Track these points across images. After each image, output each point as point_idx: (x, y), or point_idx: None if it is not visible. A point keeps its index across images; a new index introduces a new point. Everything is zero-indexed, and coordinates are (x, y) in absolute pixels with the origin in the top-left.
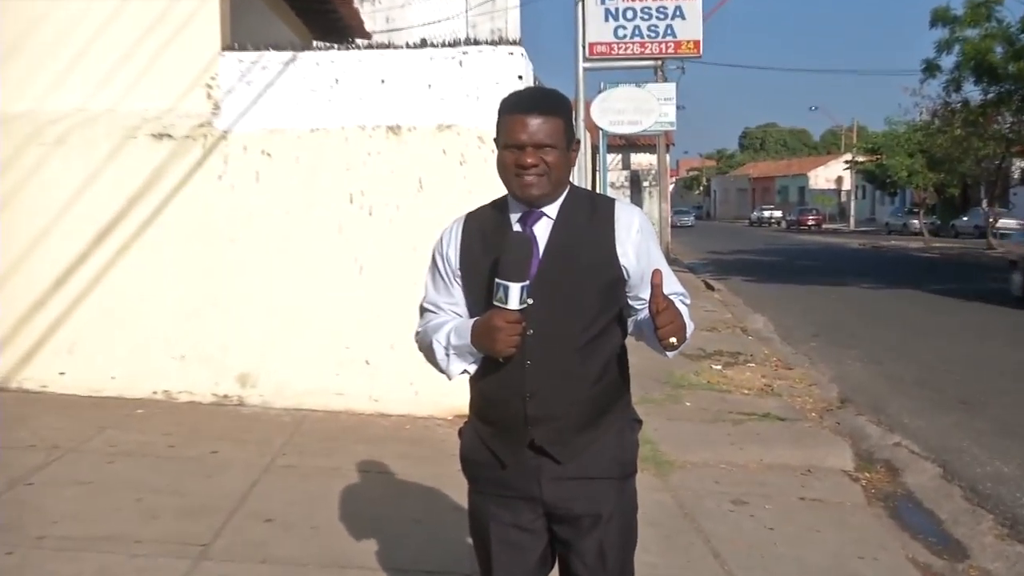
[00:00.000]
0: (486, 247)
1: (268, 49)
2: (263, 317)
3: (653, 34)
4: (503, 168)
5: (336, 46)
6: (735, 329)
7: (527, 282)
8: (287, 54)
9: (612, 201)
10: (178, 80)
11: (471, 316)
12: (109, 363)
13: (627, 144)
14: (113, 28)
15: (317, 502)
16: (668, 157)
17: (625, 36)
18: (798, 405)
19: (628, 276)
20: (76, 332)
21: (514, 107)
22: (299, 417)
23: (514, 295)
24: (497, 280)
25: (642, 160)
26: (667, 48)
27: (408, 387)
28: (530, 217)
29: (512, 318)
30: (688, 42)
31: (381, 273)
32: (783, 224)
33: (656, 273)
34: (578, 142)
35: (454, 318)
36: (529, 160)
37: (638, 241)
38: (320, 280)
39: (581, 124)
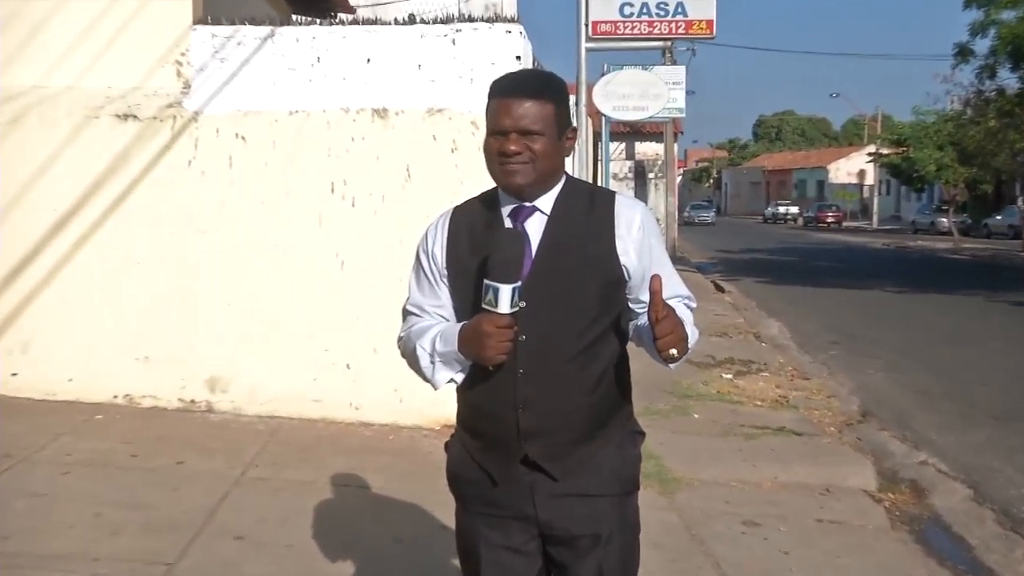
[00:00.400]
0: (475, 244)
1: (244, 23)
2: (235, 316)
3: (662, 12)
4: (487, 155)
5: (318, 21)
6: (747, 335)
7: (519, 283)
8: (265, 29)
9: (612, 195)
10: (145, 56)
11: (458, 320)
12: (66, 364)
13: (631, 132)
14: None
15: (292, 518)
16: (676, 146)
17: (632, 14)
18: (816, 419)
19: (629, 276)
20: (30, 330)
21: (499, 90)
22: (273, 425)
23: (505, 298)
24: (486, 281)
25: (647, 149)
26: (677, 28)
27: (392, 394)
28: (522, 212)
29: (503, 323)
30: (700, 22)
31: (364, 269)
32: (800, 221)
33: (655, 279)
34: (574, 129)
35: (440, 322)
36: (512, 147)
37: (639, 238)
38: (298, 276)
39: (583, 109)
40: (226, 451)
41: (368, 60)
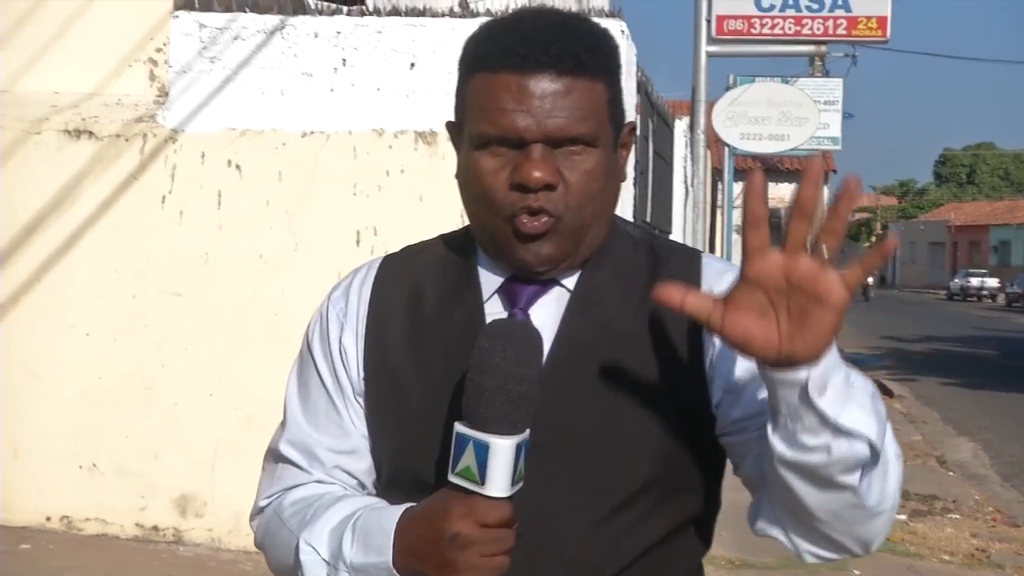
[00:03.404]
0: (425, 336)
1: (244, 10)
2: (217, 412)
3: (816, 5)
4: (472, 187)
5: (345, 9)
6: (927, 459)
7: (526, 436)
8: (272, 19)
9: (695, 256)
10: (107, 51)
11: (384, 486)
12: None
13: (764, 169)
14: None
15: None
16: (826, 190)
17: (773, 7)
18: None
19: (724, 411)
20: None
21: (501, 54)
22: (265, 566)
23: (501, 465)
24: (460, 429)
25: (785, 193)
26: (837, 27)
27: None
28: (524, 289)
29: (495, 517)
30: (869, 19)
31: None
32: (1002, 298)
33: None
34: (633, 128)
35: (343, 489)
36: (537, 173)
37: None
38: None
39: (700, 138)
40: None
41: (411, 65)
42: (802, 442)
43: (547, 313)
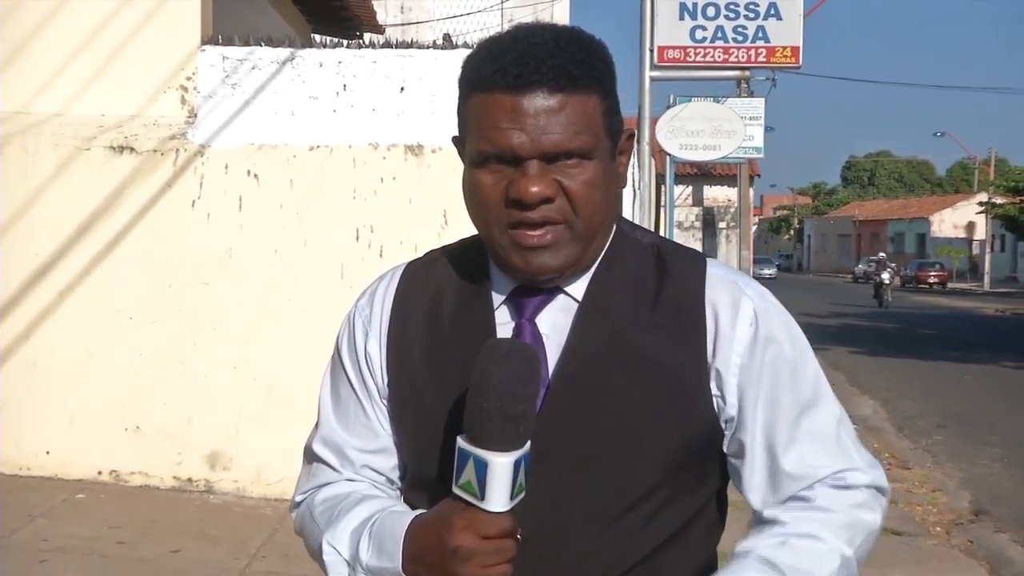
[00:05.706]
0: (444, 343)
1: (260, 44)
2: (241, 382)
3: (740, 38)
4: (477, 203)
5: (344, 42)
6: None
7: (526, 450)
8: (284, 51)
9: (700, 262)
10: (145, 80)
11: (409, 489)
12: (42, 434)
13: (700, 174)
14: (64, 14)
15: None
16: (752, 191)
17: (705, 39)
18: (918, 516)
19: (732, 429)
20: (2, 393)
21: (496, 74)
22: (283, 510)
23: (500, 481)
24: (462, 444)
25: (718, 194)
26: (758, 56)
27: None
28: (531, 302)
29: (495, 530)
30: (785, 49)
31: None
32: (897, 281)
33: None
34: (631, 135)
35: (370, 489)
36: (534, 188)
37: (748, 348)
38: (314, 336)
39: (646, 148)
40: (228, 539)
41: (401, 89)
42: None
43: (553, 321)
